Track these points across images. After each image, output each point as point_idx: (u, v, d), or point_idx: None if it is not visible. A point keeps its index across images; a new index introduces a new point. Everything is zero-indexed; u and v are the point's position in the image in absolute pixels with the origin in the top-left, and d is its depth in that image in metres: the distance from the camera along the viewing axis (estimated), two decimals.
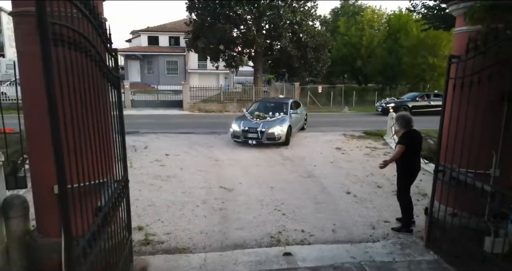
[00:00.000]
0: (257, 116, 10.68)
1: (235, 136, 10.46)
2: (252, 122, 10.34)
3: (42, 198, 3.44)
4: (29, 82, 3.36)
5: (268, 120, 10.44)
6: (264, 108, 11.66)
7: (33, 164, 3.50)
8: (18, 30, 3.28)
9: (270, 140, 10.06)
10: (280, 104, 11.71)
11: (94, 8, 2.78)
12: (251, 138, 10.12)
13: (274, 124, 10.24)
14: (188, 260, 4.15)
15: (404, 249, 4.51)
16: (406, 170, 4.96)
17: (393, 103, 20.16)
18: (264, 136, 10.03)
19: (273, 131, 10.07)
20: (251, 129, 10.14)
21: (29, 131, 3.47)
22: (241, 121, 10.47)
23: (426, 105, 20.31)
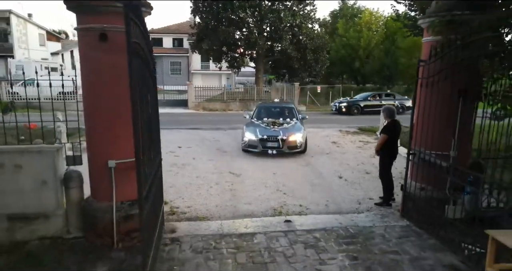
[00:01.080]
0: (273, 123, 9.70)
1: (251, 146, 9.25)
2: (271, 130, 9.30)
3: (98, 171, 4.43)
4: (89, 81, 4.36)
5: (286, 127, 9.51)
6: (270, 113, 10.70)
7: (90, 145, 4.50)
8: (82, 41, 4.28)
9: (291, 149, 9.12)
10: (286, 109, 11.01)
11: (145, 25, 3.78)
12: (271, 147, 9.02)
13: (294, 131, 9.31)
14: (207, 224, 5.17)
15: (383, 218, 5.51)
16: (387, 154, 5.97)
17: (345, 103, 21.15)
18: (285, 145, 9.04)
19: (295, 139, 9.13)
20: (271, 137, 9.08)
21: (87, 122, 4.47)
22: (256, 129, 9.36)
23: (377, 105, 20.37)
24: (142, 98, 3.51)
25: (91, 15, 4.11)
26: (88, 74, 4.33)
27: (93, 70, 4.25)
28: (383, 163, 6.03)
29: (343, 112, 20.86)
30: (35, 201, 4.52)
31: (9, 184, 4.41)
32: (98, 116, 4.35)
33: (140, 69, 3.48)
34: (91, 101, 4.38)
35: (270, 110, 10.99)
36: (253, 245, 4.53)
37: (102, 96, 4.29)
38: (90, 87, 4.37)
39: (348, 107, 20.89)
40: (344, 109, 20.84)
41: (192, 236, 4.78)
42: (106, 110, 4.29)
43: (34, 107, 5.89)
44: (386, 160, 5.97)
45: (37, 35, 34.67)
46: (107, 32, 4.07)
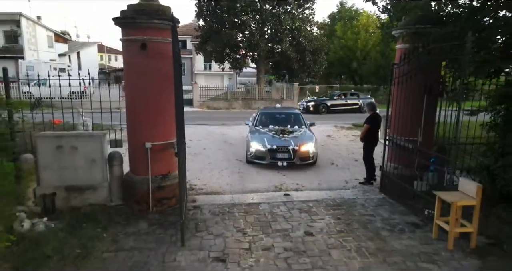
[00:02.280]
0: (282, 131, 8.77)
1: (258, 157, 8.27)
2: (281, 139, 8.36)
3: (137, 151, 5.63)
4: (131, 81, 5.56)
5: (296, 135, 8.62)
6: (275, 120, 9.67)
7: (131, 131, 5.70)
8: (126, 49, 5.47)
9: (303, 160, 8.23)
10: (292, 115, 10.10)
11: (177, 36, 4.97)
12: (281, 158, 8.11)
13: (305, 141, 8.42)
14: (221, 197, 6.37)
15: (364, 193, 6.71)
16: (369, 141, 7.17)
17: (313, 102, 21.53)
18: (297, 156, 8.15)
19: (307, 150, 8.24)
20: (281, 148, 8.12)
21: (128, 112, 5.66)
22: (264, 138, 8.39)
23: (343, 104, 21.55)
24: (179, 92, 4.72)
25: (134, 30, 5.32)
26: (130, 76, 5.54)
27: (134, 72, 5.46)
28: (366, 148, 7.23)
29: (310, 112, 20.82)
30: (87, 175, 5.71)
31: (67, 162, 5.60)
32: (138, 108, 5.55)
33: (177, 71, 4.68)
34: (132, 97, 5.59)
35: (274, 116, 9.90)
36: (259, 211, 5.73)
37: (141, 93, 5.50)
38: (132, 86, 5.58)
39: (315, 106, 21.11)
40: (311, 109, 21.04)
41: (210, 204, 5.99)
42: (144, 104, 5.49)
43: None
44: (368, 146, 7.18)
45: (46, 37, 35.85)
46: (146, 42, 5.27)
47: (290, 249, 4.49)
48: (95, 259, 4.19)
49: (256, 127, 9.33)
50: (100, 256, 4.25)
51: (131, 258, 4.24)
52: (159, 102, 5.52)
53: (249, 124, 9.98)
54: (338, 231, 5.03)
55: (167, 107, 5.53)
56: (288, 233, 4.96)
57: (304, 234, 4.93)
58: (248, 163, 8.68)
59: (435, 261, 4.22)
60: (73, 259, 4.12)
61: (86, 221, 5.11)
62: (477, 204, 4.43)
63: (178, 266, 4.08)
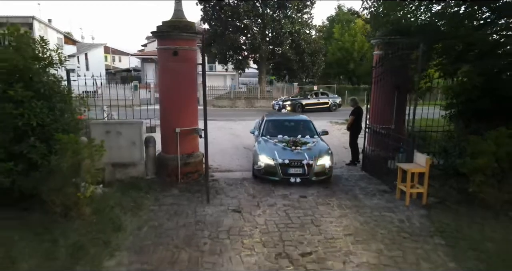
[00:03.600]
0: (293, 142, 7.68)
1: (268, 172, 7.19)
2: (293, 152, 7.33)
3: (168, 135, 7.17)
4: (164, 82, 7.10)
5: (309, 147, 7.56)
6: (284, 128, 8.58)
7: (163, 119, 7.25)
8: (161, 55, 7.03)
9: (319, 176, 7.16)
10: (301, 122, 9.07)
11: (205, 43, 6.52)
12: (294, 174, 7.06)
13: (320, 153, 7.37)
14: (233, 173, 7.92)
15: (349, 171, 8.26)
16: (354, 129, 8.71)
17: (289, 101, 21.89)
18: (312, 171, 7.08)
19: (323, 164, 7.20)
20: (294, 162, 7.09)
21: (161, 106, 7.22)
22: (274, 151, 7.32)
23: (315, 103, 22.32)
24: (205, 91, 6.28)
25: (168, 40, 6.88)
26: (164, 76, 7.10)
27: (167, 73, 7.01)
28: (351, 135, 8.78)
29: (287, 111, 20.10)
30: (128, 154, 7.24)
31: (113, 144, 7.13)
32: (169, 101, 7.10)
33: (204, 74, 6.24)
34: (165, 92, 7.15)
35: (283, 124, 8.85)
36: (264, 183, 7.26)
37: (172, 89, 7.05)
38: (164, 84, 7.14)
39: (292, 105, 21.39)
40: (288, 108, 21.06)
41: (225, 178, 7.54)
42: (174, 97, 7.04)
43: None
44: (353, 133, 8.72)
45: (56, 39, 37.42)
46: (177, 50, 6.82)
47: (288, 205, 6.04)
48: (145, 210, 5.74)
49: (263, 137, 8.16)
50: (148, 208, 5.81)
51: (172, 209, 5.79)
52: (185, 96, 7.09)
53: (254, 133, 8.84)
54: (325, 195, 6.58)
55: (191, 101, 7.12)
56: (287, 196, 6.51)
57: (299, 197, 6.48)
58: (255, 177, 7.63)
59: (394, 211, 5.77)
60: (130, 209, 5.67)
61: (130, 188, 6.65)
62: (426, 171, 5.98)
63: (207, 214, 5.63)
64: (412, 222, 5.39)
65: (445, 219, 5.40)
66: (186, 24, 6.93)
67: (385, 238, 4.83)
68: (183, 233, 4.97)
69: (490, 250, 4.40)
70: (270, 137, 8.19)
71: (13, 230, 4.64)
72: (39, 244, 4.36)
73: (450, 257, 4.33)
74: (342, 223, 5.34)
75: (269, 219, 5.45)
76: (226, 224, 5.30)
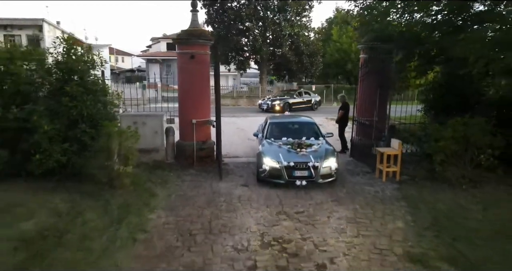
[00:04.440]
0: (298, 144, 7.65)
1: (273, 175, 7.12)
2: (298, 155, 7.27)
3: (186, 125, 8.54)
4: (182, 81, 8.47)
5: (314, 149, 7.49)
6: (288, 131, 8.52)
7: (181, 112, 8.62)
8: (181, 58, 8.40)
9: (324, 178, 7.13)
10: (306, 124, 9.03)
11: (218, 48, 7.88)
12: (300, 177, 6.99)
13: (326, 156, 7.33)
14: (240, 159, 9.29)
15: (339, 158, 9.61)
16: (342, 123, 10.08)
17: (278, 101, 21.85)
18: (318, 173, 7.04)
19: (329, 166, 7.18)
20: (299, 164, 7.04)
21: (180, 101, 8.59)
22: (279, 154, 7.25)
23: (301, 102, 22.79)
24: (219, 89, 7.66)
25: (186, 46, 8.24)
26: (182, 76, 8.46)
27: (185, 73, 8.38)
28: (340, 127, 10.15)
29: (276, 111, 20.26)
30: (151, 142, 8.61)
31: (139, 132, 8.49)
32: (187, 97, 8.46)
33: (217, 74, 7.60)
34: (183, 90, 8.51)
35: (287, 127, 8.83)
36: None
37: (189, 87, 8.41)
38: (183, 82, 8.50)
39: (282, 105, 21.41)
40: (277, 108, 20.96)
41: (233, 162, 8.90)
42: (191, 94, 8.40)
43: None
44: (341, 126, 10.09)
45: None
46: (194, 54, 8.19)
47: None
48: (171, 184, 7.10)
49: (267, 140, 8.12)
50: (174, 183, 7.17)
51: (192, 184, 7.15)
52: (200, 93, 8.46)
53: (258, 135, 8.92)
54: None
55: (205, 96, 8.50)
56: None
57: None
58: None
59: (372, 185, 7.14)
60: (159, 183, 7.04)
61: (155, 168, 8.01)
62: (399, 153, 7.34)
63: (221, 187, 6.99)
64: (385, 192, 6.76)
65: (412, 190, 6.77)
66: (201, 32, 8.30)
67: (361, 202, 6.20)
68: (204, 198, 6.33)
69: (439, 208, 5.77)
70: (274, 139, 8.09)
71: (73, 194, 6.01)
72: (95, 203, 5.74)
73: (408, 213, 5.70)
74: (329, 193, 6.70)
75: (271, 191, 6.81)
76: (237, 193, 6.66)
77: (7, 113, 6.35)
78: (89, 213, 5.38)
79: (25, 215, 5.16)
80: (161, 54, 38.63)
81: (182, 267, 4.14)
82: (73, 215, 5.32)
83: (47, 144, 6.27)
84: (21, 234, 4.64)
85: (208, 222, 5.36)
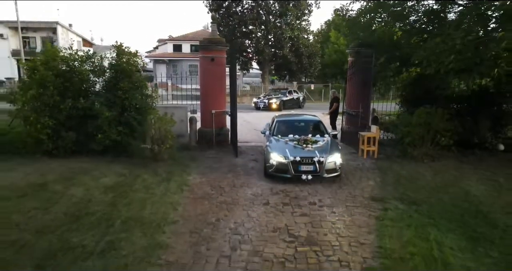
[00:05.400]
0: (304, 141, 7.99)
1: (279, 170, 7.50)
2: (304, 150, 7.63)
3: (206, 115, 10.56)
4: (204, 79, 10.49)
5: (320, 145, 7.88)
6: (295, 128, 8.91)
7: (203, 105, 10.64)
8: (203, 61, 10.42)
9: (329, 173, 7.48)
10: (312, 122, 9.53)
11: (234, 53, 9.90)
12: (305, 171, 7.36)
13: (331, 151, 7.71)
14: (249, 143, 11.30)
15: None
16: (333, 114, 12.10)
17: (274, 99, 22.87)
18: (324, 168, 7.39)
19: (334, 161, 7.55)
20: (305, 159, 7.40)
21: (202, 95, 10.61)
22: (286, 149, 7.65)
23: (291, 99, 24.13)
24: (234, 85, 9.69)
25: (207, 51, 10.26)
26: (204, 75, 10.47)
27: (206, 73, 10.39)
28: (331, 118, 12.16)
29: (272, 109, 21.27)
30: (178, 128, 10.56)
31: None
32: (208, 91, 10.47)
33: (233, 74, 9.62)
34: (204, 86, 10.53)
35: (293, 124, 9.24)
36: None
37: (209, 84, 10.42)
38: (204, 81, 10.52)
39: (279, 103, 22.42)
40: (274, 106, 21.87)
41: (244, 146, 10.89)
42: (210, 90, 10.41)
43: None
44: (333, 117, 12.10)
45: (76, 42, 40.80)
46: (214, 58, 10.19)
47: None
48: (198, 160, 9.09)
49: (274, 137, 8.52)
50: (200, 159, 9.15)
51: (214, 159, 9.15)
52: (218, 89, 10.47)
53: (265, 133, 9.26)
54: None
55: (222, 92, 10.51)
56: None
57: None
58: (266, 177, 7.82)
59: (355, 161, 9.13)
60: (189, 159, 9.03)
61: (183, 149, 10.01)
62: (376, 136, 9.35)
63: (237, 162, 8.98)
64: (364, 165, 8.76)
65: (385, 164, 8.76)
66: (219, 40, 10.33)
67: (346, 171, 8.19)
68: (225, 168, 8.33)
69: (401, 174, 7.78)
70: (282, 136, 8.45)
71: (127, 165, 8.03)
72: (146, 170, 7.74)
73: (378, 176, 7.70)
74: None
75: None
76: (250, 165, 8.67)
77: (76, 103, 8.36)
78: (144, 175, 7.39)
79: (100, 176, 7.17)
80: (168, 55, 40.62)
81: (218, 202, 6.15)
82: (133, 176, 7.33)
83: (107, 127, 8.28)
84: (103, 185, 6.65)
85: (231, 181, 7.37)
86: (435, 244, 4.57)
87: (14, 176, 6.86)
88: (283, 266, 4.21)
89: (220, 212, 5.78)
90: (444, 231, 4.96)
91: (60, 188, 6.33)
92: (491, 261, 4.21)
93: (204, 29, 43.86)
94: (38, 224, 4.98)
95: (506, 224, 5.21)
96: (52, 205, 5.61)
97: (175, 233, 4.95)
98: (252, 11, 27.30)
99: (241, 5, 28.17)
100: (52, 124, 8.15)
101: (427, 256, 4.30)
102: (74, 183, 6.64)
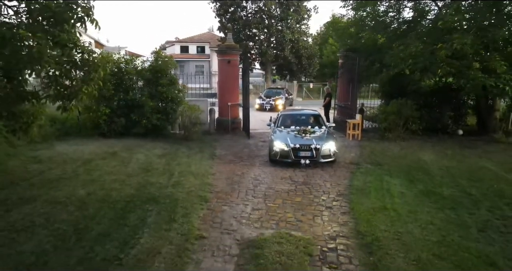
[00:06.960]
0: (303, 131, 9.18)
1: (282, 156, 8.63)
2: (303, 139, 8.78)
3: (223, 107, 13.04)
4: (222, 78, 12.98)
5: (317, 135, 9.10)
6: (296, 121, 10.17)
7: (220, 98, 13.14)
8: (221, 63, 12.92)
9: (325, 158, 8.63)
10: (312, 116, 10.70)
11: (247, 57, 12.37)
12: (304, 156, 8.48)
13: (327, 140, 8.85)
14: (257, 131, 13.73)
15: None
16: (327, 107, 14.57)
17: (280, 100, 22.78)
18: (319, 153, 8.50)
19: (329, 148, 8.65)
20: (304, 146, 8.54)
21: (219, 90, 13.10)
22: (287, 138, 8.80)
23: (287, 98, 25.78)
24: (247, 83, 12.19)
25: (225, 55, 12.74)
26: (222, 74, 12.96)
27: (223, 73, 12.87)
28: (325, 111, 14.64)
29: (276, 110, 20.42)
30: (201, 117, 13.06)
31: None
32: (224, 88, 12.96)
33: (246, 74, 12.11)
34: (222, 83, 13.03)
35: (295, 117, 10.47)
36: None
37: (226, 82, 12.90)
38: (222, 80, 13.02)
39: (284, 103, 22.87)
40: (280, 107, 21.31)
41: (253, 132, 13.33)
42: (227, 86, 12.90)
43: None
44: (327, 109, 14.58)
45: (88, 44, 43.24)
46: (230, 60, 12.67)
47: None
48: (218, 141, 11.55)
49: (278, 128, 9.75)
50: (220, 141, 11.62)
51: (231, 141, 11.61)
52: (232, 85, 12.95)
53: (271, 125, 10.41)
54: None
55: (235, 88, 13.01)
56: None
57: None
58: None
59: (343, 142, 11.58)
60: (212, 140, 11.50)
61: (205, 134, 12.47)
62: (359, 122, 11.82)
63: (249, 142, 11.45)
64: (350, 144, 11.22)
65: (365, 143, 11.22)
66: (234, 46, 12.82)
67: None
68: (241, 146, 10.80)
69: (376, 149, 10.24)
70: (284, 127, 9.70)
71: (165, 143, 10.51)
72: (181, 147, 10.20)
73: (358, 151, 10.16)
74: None
75: None
76: (260, 144, 11.14)
77: (126, 96, 10.84)
78: (183, 149, 9.86)
79: (151, 148, 9.65)
80: (176, 56, 43.03)
81: (240, 165, 8.61)
82: (174, 149, 9.81)
83: (150, 114, 10.75)
84: (155, 154, 9.12)
85: (248, 153, 9.85)
86: (385, 183, 7.04)
87: (90, 147, 9.36)
88: (288, 194, 6.67)
89: (243, 169, 8.26)
90: (394, 177, 7.45)
91: (126, 155, 8.81)
92: (417, 190, 6.68)
93: (209, 31, 46.36)
94: (124, 172, 7.45)
95: (436, 173, 7.70)
96: (127, 164, 8.10)
97: (215, 179, 7.42)
98: (256, 15, 29.75)
99: (245, 10, 30.64)
100: (108, 112, 10.62)
101: (379, 188, 6.76)
102: (135, 152, 9.13)
